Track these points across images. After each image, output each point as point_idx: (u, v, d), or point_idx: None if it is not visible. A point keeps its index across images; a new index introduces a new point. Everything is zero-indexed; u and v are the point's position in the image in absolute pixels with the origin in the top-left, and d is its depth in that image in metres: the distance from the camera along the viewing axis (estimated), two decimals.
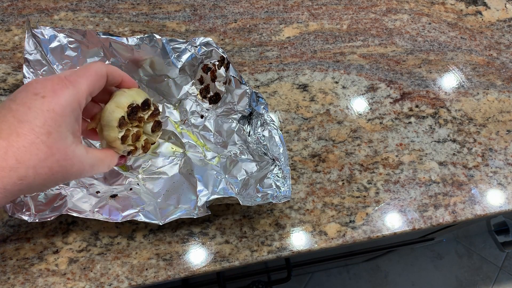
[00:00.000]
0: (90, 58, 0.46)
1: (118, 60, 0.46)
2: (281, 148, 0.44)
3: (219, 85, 0.47)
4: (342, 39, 0.62)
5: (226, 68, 0.46)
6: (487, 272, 1.39)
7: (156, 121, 0.40)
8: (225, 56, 0.46)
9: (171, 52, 0.45)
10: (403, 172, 0.51)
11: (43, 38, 0.43)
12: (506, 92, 0.59)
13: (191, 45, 0.46)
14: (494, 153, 0.53)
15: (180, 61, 0.46)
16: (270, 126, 0.45)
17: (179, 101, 0.49)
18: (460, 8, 0.68)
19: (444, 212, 0.48)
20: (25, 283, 0.40)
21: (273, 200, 0.40)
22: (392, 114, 0.55)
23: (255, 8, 0.63)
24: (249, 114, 0.47)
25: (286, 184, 0.42)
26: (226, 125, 0.47)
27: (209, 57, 0.46)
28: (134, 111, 0.37)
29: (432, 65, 0.61)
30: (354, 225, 0.46)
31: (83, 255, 0.42)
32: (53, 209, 0.40)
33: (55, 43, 0.44)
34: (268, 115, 0.46)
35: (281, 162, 0.43)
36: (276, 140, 0.45)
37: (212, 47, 0.46)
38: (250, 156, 0.46)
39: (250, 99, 0.46)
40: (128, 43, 0.44)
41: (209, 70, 0.47)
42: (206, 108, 0.48)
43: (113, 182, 0.45)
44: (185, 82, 0.48)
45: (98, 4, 0.60)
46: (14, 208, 0.39)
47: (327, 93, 0.56)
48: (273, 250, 0.44)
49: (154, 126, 0.40)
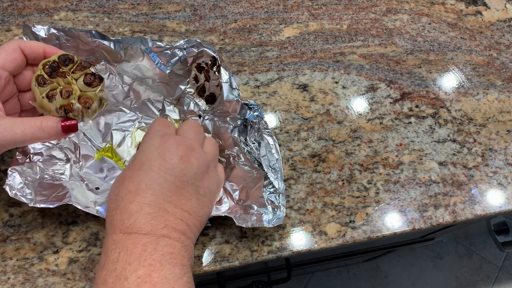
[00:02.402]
0: (86, 58, 0.46)
1: (110, 63, 0.46)
2: (276, 157, 0.44)
3: (213, 86, 0.46)
4: (342, 39, 0.62)
5: (217, 71, 0.44)
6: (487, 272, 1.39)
7: (88, 74, 0.37)
8: (216, 57, 0.44)
9: (157, 59, 0.45)
10: (403, 172, 0.51)
11: (42, 36, 0.43)
12: (506, 92, 0.59)
13: (178, 49, 0.45)
14: (494, 153, 0.53)
15: (169, 66, 0.45)
16: (265, 134, 0.45)
17: (177, 99, 0.48)
18: (460, 8, 0.68)
19: (444, 212, 0.48)
20: (25, 283, 0.40)
21: (268, 225, 0.41)
22: (392, 114, 0.55)
23: (255, 8, 0.63)
24: (241, 124, 0.45)
25: (280, 201, 0.43)
26: (223, 128, 0.46)
27: (200, 56, 0.45)
28: (53, 68, 0.35)
29: (432, 65, 0.61)
30: (354, 225, 0.46)
31: (83, 255, 0.42)
32: (54, 198, 0.40)
33: (55, 41, 0.44)
34: (263, 122, 0.45)
35: (276, 174, 0.44)
36: (271, 148, 0.45)
37: (202, 48, 0.44)
38: (248, 163, 0.44)
39: (241, 110, 0.44)
40: (114, 49, 0.44)
41: (202, 69, 0.46)
42: (204, 109, 0.47)
43: (112, 179, 0.45)
44: (180, 82, 0.47)
45: (98, 4, 0.60)
46: (16, 189, 0.39)
47: (327, 93, 0.56)
48: (273, 250, 0.44)
49: (88, 79, 0.37)
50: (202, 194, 0.34)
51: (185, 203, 0.32)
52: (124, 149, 0.47)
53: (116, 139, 0.47)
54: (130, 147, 0.47)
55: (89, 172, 0.45)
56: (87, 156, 0.45)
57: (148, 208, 0.30)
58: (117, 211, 0.30)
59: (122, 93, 0.47)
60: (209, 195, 0.35)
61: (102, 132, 0.47)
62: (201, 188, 0.34)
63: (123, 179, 0.32)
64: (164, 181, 0.31)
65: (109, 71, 0.46)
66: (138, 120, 0.48)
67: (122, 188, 0.32)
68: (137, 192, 0.31)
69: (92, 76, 0.37)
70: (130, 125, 0.48)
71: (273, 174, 0.44)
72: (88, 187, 0.42)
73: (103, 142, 0.47)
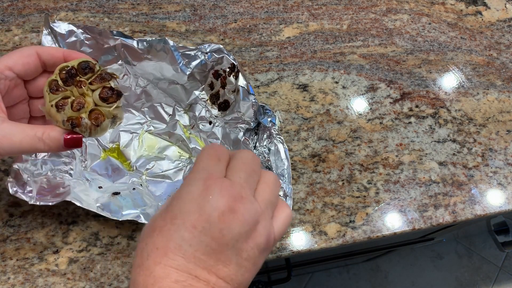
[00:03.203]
0: (104, 56, 0.46)
1: (129, 61, 0.46)
2: (285, 164, 0.44)
3: (228, 93, 0.47)
4: (342, 39, 0.62)
5: (236, 77, 0.45)
6: (487, 272, 1.39)
7: (107, 87, 0.33)
8: (236, 64, 0.45)
9: (180, 59, 0.45)
10: (403, 172, 0.51)
11: (61, 32, 0.44)
12: (506, 92, 0.59)
13: (200, 52, 0.46)
14: (494, 153, 0.53)
15: (189, 68, 0.46)
16: (276, 140, 0.45)
17: (189, 105, 0.49)
18: (460, 8, 0.68)
19: (444, 212, 0.48)
20: (25, 283, 0.40)
21: None
22: (392, 114, 0.55)
23: (255, 8, 0.63)
24: (255, 127, 0.46)
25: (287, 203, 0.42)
26: (233, 134, 0.46)
27: (220, 63, 0.46)
28: (69, 75, 0.32)
29: (432, 65, 0.61)
30: (354, 225, 0.46)
31: (83, 255, 0.42)
32: (55, 195, 0.40)
33: (72, 38, 0.44)
34: (275, 128, 0.46)
35: (284, 179, 0.43)
36: (281, 155, 0.45)
37: (223, 54, 0.45)
38: None
39: (257, 112, 0.45)
40: (137, 47, 0.44)
41: (219, 76, 0.47)
42: (215, 115, 0.48)
43: (116, 179, 0.45)
44: (195, 87, 0.48)
45: (98, 4, 0.60)
46: (18, 186, 0.39)
47: (327, 93, 0.56)
48: (273, 250, 0.44)
49: (105, 93, 0.32)
50: (245, 258, 0.28)
51: (221, 268, 0.27)
52: (131, 151, 0.47)
53: (124, 140, 0.47)
54: (137, 149, 0.47)
55: (94, 171, 0.45)
56: (93, 155, 0.45)
57: (176, 274, 0.25)
58: (141, 270, 0.26)
59: (134, 95, 0.48)
60: (254, 258, 0.28)
61: (110, 133, 0.47)
62: (244, 251, 0.27)
63: (153, 229, 0.27)
64: (198, 242, 0.26)
65: (125, 72, 0.47)
66: (147, 124, 0.48)
67: (150, 242, 0.27)
68: (165, 251, 0.26)
69: (110, 90, 0.33)
70: (139, 127, 0.48)
71: (281, 179, 0.44)
72: (91, 185, 0.43)
73: (110, 142, 0.47)
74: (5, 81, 0.33)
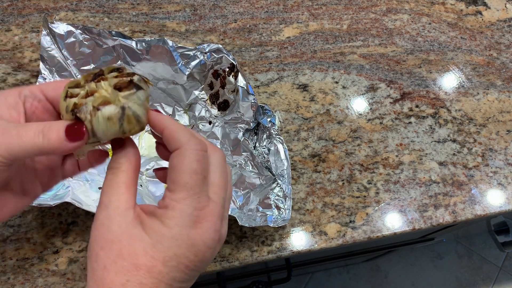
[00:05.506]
0: (103, 56, 0.46)
1: (128, 62, 0.46)
2: (285, 164, 0.44)
3: (228, 93, 0.47)
4: (342, 39, 0.62)
5: (235, 77, 0.45)
6: (487, 272, 1.39)
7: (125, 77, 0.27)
8: (235, 64, 0.45)
9: (179, 59, 0.45)
10: (403, 172, 0.51)
11: (60, 32, 0.44)
12: (506, 92, 0.59)
13: (200, 52, 0.46)
14: (494, 153, 0.53)
15: (189, 68, 0.46)
16: (276, 140, 0.45)
17: (189, 105, 0.49)
18: (460, 8, 0.68)
19: (444, 212, 0.48)
20: (25, 283, 0.40)
21: (272, 224, 0.41)
22: (392, 114, 0.55)
23: (255, 8, 0.63)
24: (254, 127, 0.46)
25: (286, 204, 0.42)
26: (233, 134, 0.46)
27: (219, 63, 0.46)
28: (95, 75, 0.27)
29: (432, 65, 0.61)
30: (354, 225, 0.46)
31: (83, 255, 0.42)
32: (54, 197, 0.40)
33: (71, 39, 0.44)
34: (275, 128, 0.46)
35: (284, 180, 0.43)
36: (281, 155, 0.45)
37: (222, 54, 0.45)
38: (255, 169, 0.45)
39: (256, 113, 0.45)
40: (136, 47, 0.44)
41: (219, 76, 0.47)
42: (215, 115, 0.48)
43: None
44: (195, 87, 0.48)
45: (98, 4, 0.60)
46: None
47: (327, 93, 0.56)
48: (273, 250, 0.44)
49: (120, 82, 0.27)
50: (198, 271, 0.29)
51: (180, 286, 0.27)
52: None
53: None
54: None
55: (93, 172, 0.45)
56: None
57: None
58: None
59: None
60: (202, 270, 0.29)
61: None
62: (202, 269, 0.29)
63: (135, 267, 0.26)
64: (187, 278, 0.27)
65: None
66: None
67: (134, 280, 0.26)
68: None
69: (127, 80, 0.27)
70: None
71: (281, 180, 0.44)
72: (91, 186, 0.42)
73: None
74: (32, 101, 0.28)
